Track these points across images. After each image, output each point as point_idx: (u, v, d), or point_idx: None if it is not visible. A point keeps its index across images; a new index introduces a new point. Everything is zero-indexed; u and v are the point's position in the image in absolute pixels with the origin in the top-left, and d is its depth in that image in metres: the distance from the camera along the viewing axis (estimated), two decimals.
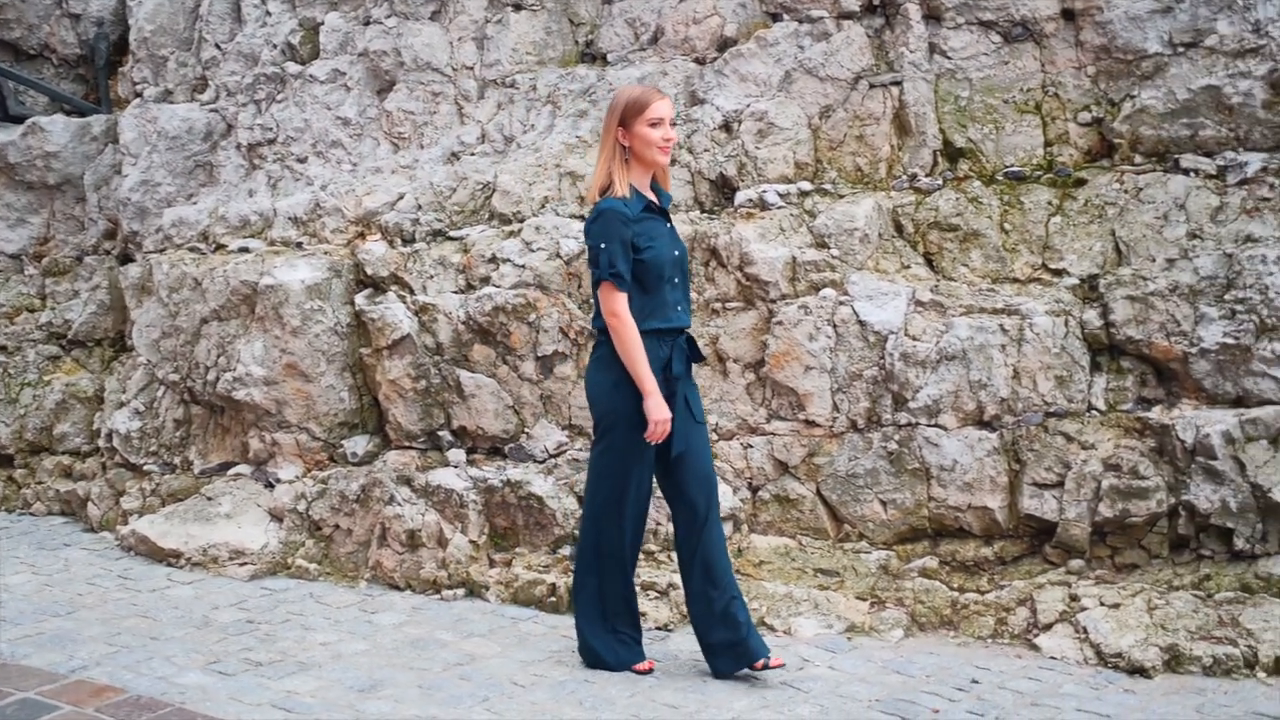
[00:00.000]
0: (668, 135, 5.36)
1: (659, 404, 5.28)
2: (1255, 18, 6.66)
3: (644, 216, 5.34)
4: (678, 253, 5.44)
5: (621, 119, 5.36)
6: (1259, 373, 6.29)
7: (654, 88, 5.53)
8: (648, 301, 5.34)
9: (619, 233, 5.26)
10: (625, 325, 5.27)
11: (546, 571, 6.54)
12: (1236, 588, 6.17)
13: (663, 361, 5.37)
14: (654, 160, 5.38)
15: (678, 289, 5.44)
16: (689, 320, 5.51)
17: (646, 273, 5.31)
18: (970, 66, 7.15)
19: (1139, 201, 6.67)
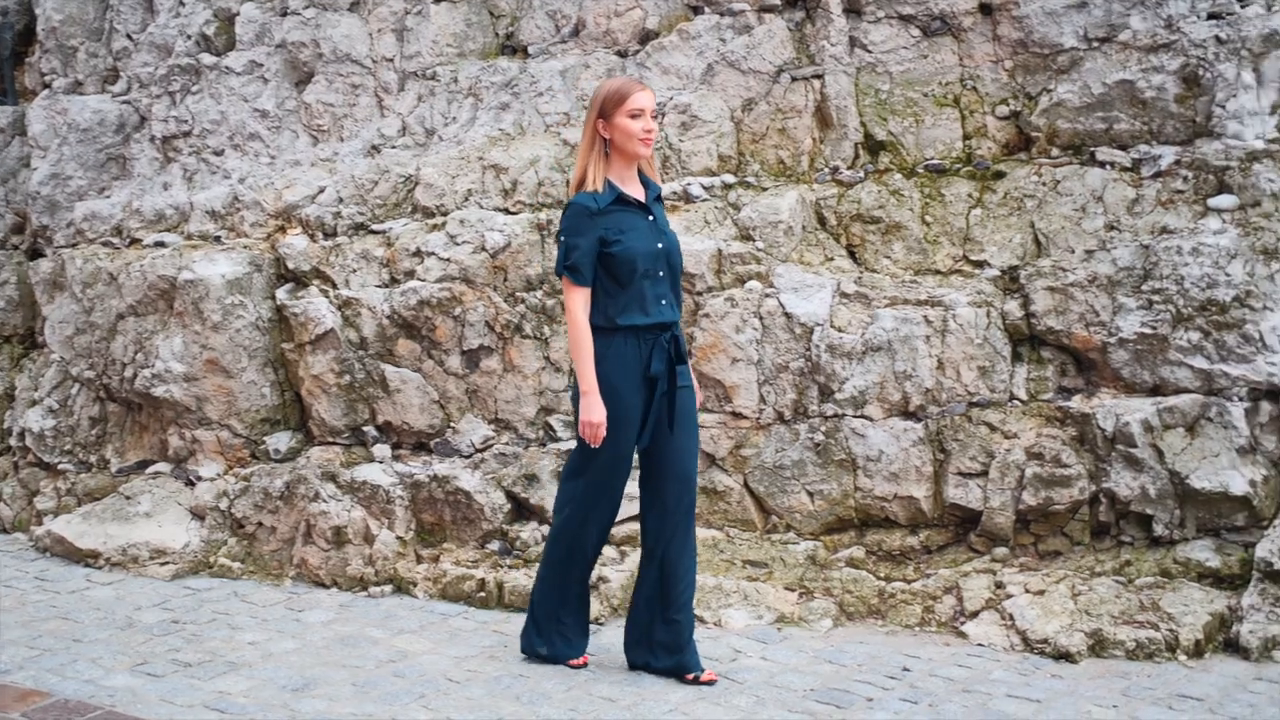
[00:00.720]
0: (648, 127, 5.25)
1: (594, 404, 5.19)
2: (1167, 13, 6.78)
3: (614, 209, 5.24)
4: (660, 245, 5.31)
5: (601, 110, 5.25)
6: (1175, 362, 6.41)
7: (635, 79, 5.45)
8: (624, 295, 5.24)
9: (582, 227, 5.19)
10: (575, 321, 5.21)
11: (475, 567, 6.51)
12: (1156, 573, 6.29)
13: (641, 359, 5.27)
14: (635, 152, 5.27)
15: (661, 283, 5.31)
16: (675, 316, 5.37)
17: (618, 266, 5.21)
18: (890, 60, 7.22)
19: (1057, 194, 6.77)
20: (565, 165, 7.10)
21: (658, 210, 5.39)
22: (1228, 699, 5.43)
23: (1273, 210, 6.42)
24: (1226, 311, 6.34)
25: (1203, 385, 6.38)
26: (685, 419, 5.40)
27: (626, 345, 5.24)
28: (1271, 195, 6.43)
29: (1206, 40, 6.67)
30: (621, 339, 5.24)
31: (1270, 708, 5.36)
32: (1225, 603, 6.07)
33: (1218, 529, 6.33)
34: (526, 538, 6.55)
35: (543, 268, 6.86)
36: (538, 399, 6.86)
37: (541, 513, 6.61)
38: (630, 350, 5.24)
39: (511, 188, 7.07)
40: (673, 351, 5.34)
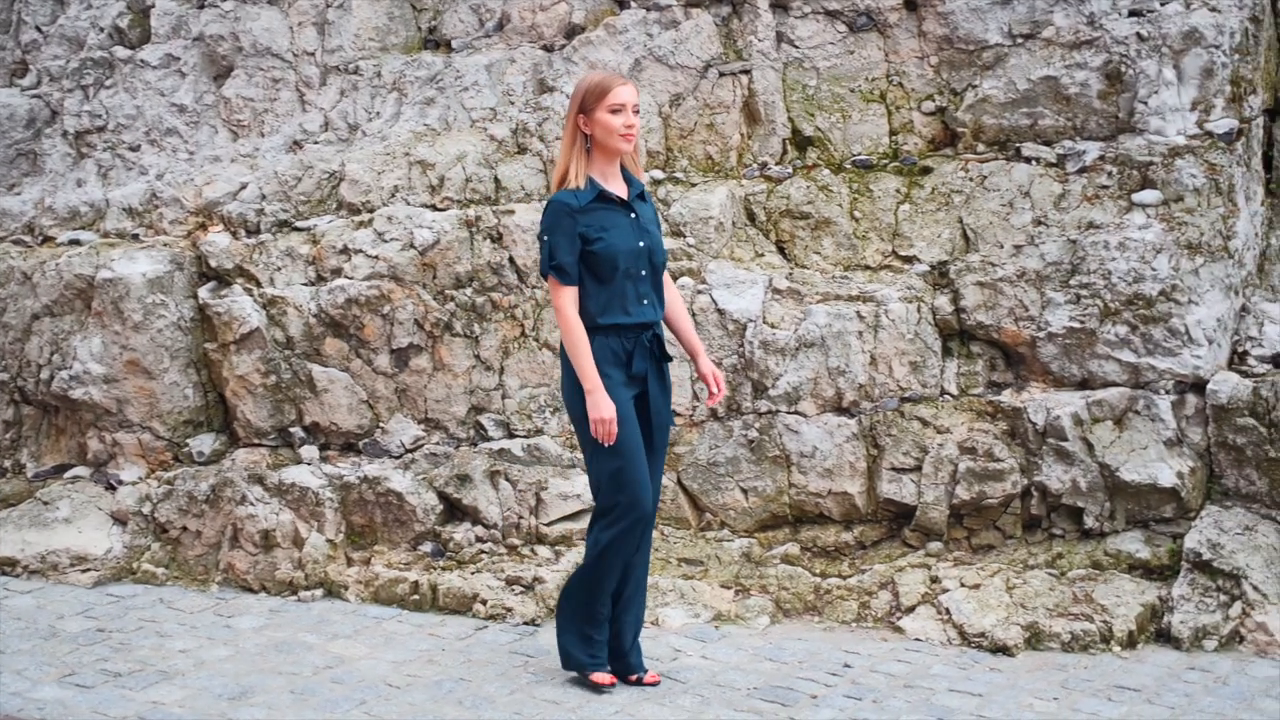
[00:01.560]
0: (629, 122, 5.12)
1: (601, 401, 5.07)
2: (1090, 10, 6.85)
3: (595, 207, 5.13)
4: (642, 243, 5.20)
5: (582, 106, 5.13)
6: (1103, 355, 6.48)
7: (616, 73, 5.34)
8: (604, 294, 5.14)
9: (563, 225, 5.09)
10: (566, 320, 5.12)
11: (408, 569, 6.41)
12: (1088, 565, 6.36)
13: (624, 359, 5.19)
14: (616, 148, 5.15)
15: (644, 281, 5.22)
16: (657, 315, 5.29)
17: (599, 265, 5.11)
18: (817, 55, 7.22)
19: (984, 189, 6.81)
20: (493, 161, 7.02)
21: (641, 207, 5.29)
22: (1164, 689, 5.50)
23: (1195, 205, 6.51)
24: (1153, 306, 6.42)
25: (1130, 379, 6.45)
26: (660, 429, 5.33)
27: (608, 345, 5.15)
28: (1194, 190, 6.52)
29: (1128, 37, 6.75)
30: (603, 338, 5.15)
31: (1205, 697, 5.44)
32: (1156, 593, 6.15)
33: (1146, 521, 6.41)
34: (460, 539, 6.47)
35: (472, 265, 6.77)
36: (468, 398, 6.78)
37: (474, 513, 6.53)
38: (613, 350, 5.16)
39: (439, 184, 6.97)
40: (656, 350, 5.28)
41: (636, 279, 5.18)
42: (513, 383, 6.76)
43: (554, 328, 6.75)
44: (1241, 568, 6.06)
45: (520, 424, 6.74)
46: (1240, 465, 6.34)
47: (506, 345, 6.77)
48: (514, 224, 6.76)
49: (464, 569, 6.37)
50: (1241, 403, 6.31)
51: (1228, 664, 5.77)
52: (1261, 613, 5.97)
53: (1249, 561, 6.08)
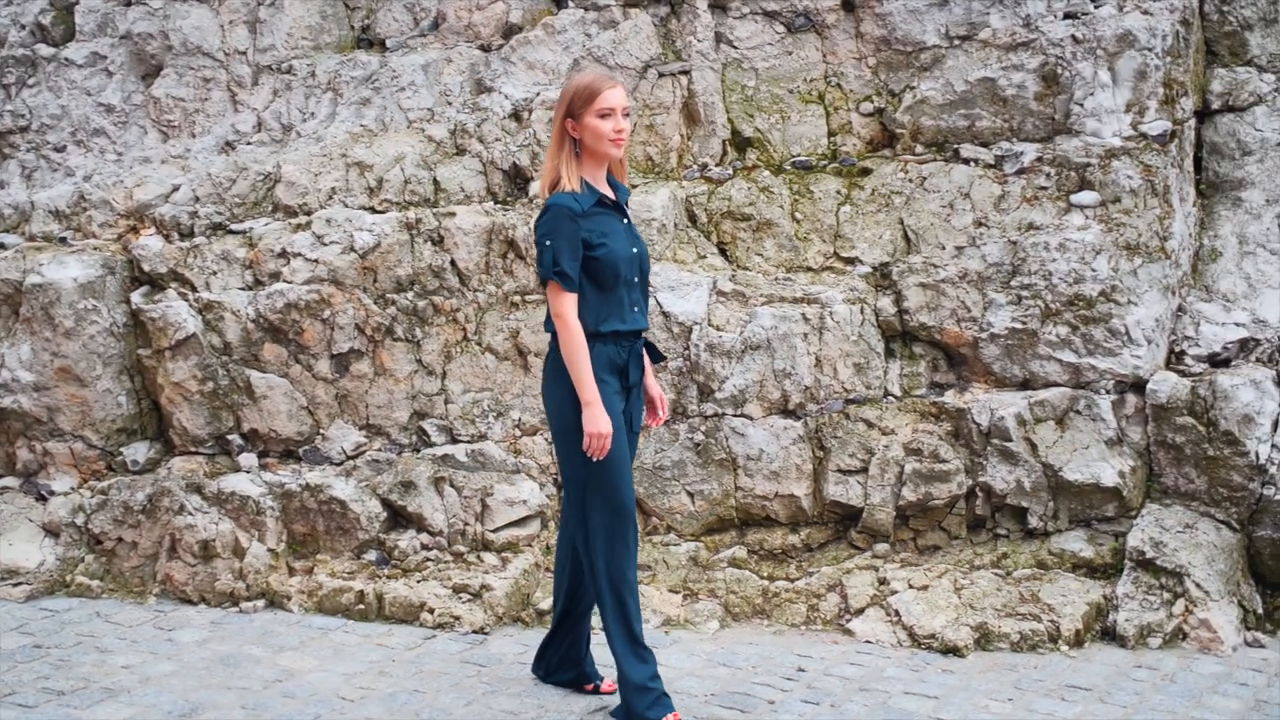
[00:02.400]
0: (619, 127, 4.92)
1: (599, 414, 4.85)
2: (1025, 12, 6.90)
3: (596, 211, 4.93)
4: (635, 250, 5.04)
5: (569, 109, 4.92)
6: (1044, 356, 6.53)
7: (605, 75, 5.09)
8: (604, 302, 4.96)
9: (566, 230, 4.86)
10: (569, 328, 4.87)
11: (352, 578, 6.30)
12: (1033, 564, 6.40)
13: (620, 367, 5.02)
14: (605, 153, 4.95)
15: (635, 289, 5.06)
16: (646, 322, 5.14)
17: (601, 271, 4.92)
18: (756, 56, 7.21)
19: (924, 190, 6.83)
20: (431, 163, 6.91)
21: (629, 213, 5.17)
22: (1114, 688, 5.55)
23: (1132, 206, 6.58)
24: (1093, 306, 6.48)
25: (1071, 379, 6.51)
26: (634, 435, 5.24)
27: (606, 353, 4.96)
28: (1131, 192, 6.59)
29: (1064, 39, 6.80)
30: (601, 346, 4.94)
31: (1155, 695, 5.49)
32: (1101, 592, 6.21)
33: (1089, 519, 6.47)
34: (405, 547, 6.36)
35: (413, 268, 6.67)
36: (410, 403, 6.67)
37: (419, 521, 6.43)
38: (610, 359, 4.98)
39: (377, 185, 6.85)
40: (650, 356, 5.22)
41: (630, 286, 5.03)
42: (455, 387, 6.68)
43: (496, 331, 6.68)
44: (1184, 565, 6.14)
45: (463, 429, 6.65)
46: (1179, 464, 6.42)
47: (449, 349, 6.68)
48: (455, 226, 6.67)
49: (410, 577, 6.28)
50: (1180, 402, 6.39)
51: (1173, 661, 5.84)
52: (1204, 610, 6.05)
53: (1191, 559, 6.16)
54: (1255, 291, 6.69)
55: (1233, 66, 7.13)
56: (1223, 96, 7.08)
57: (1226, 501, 6.34)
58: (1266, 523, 6.29)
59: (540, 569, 6.36)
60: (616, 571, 5.00)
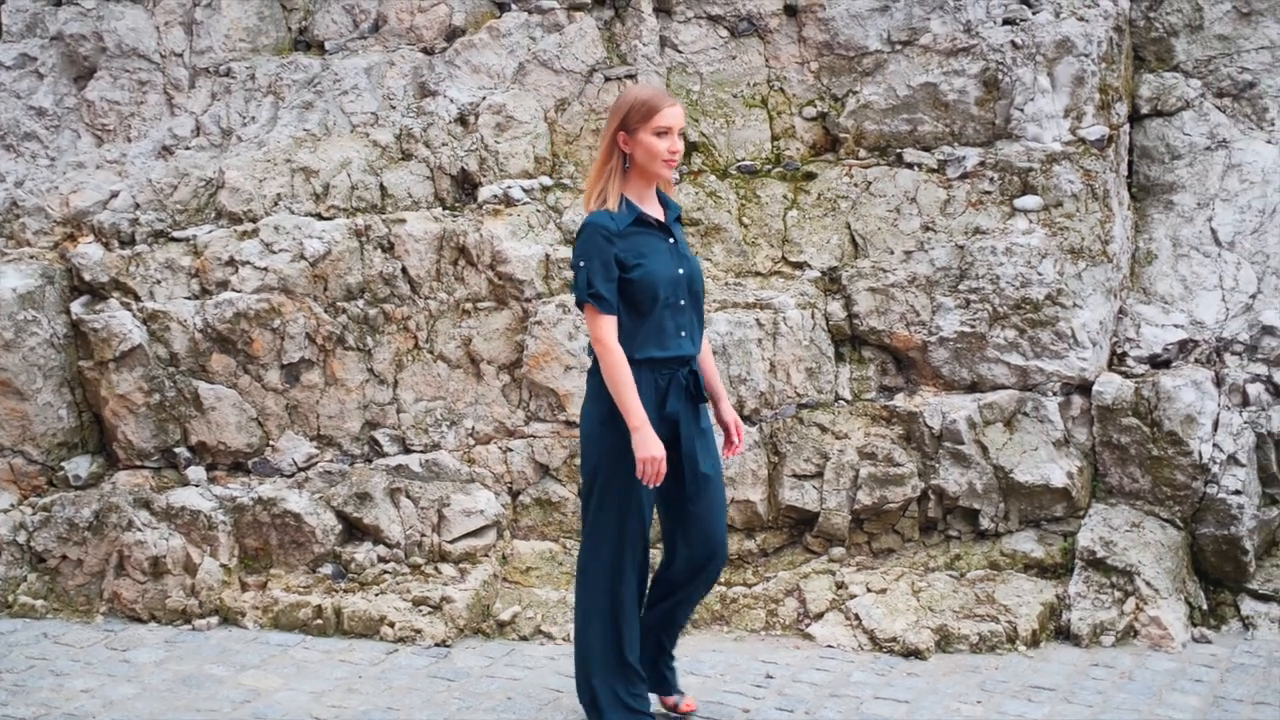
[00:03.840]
0: (674, 148, 4.72)
1: (648, 439, 4.61)
2: (966, 18, 6.98)
3: (633, 231, 4.72)
4: (682, 271, 4.79)
5: (624, 123, 4.71)
6: (992, 359, 6.61)
7: (664, 91, 4.87)
8: (641, 326, 4.72)
9: (600, 250, 4.65)
10: (608, 351, 4.64)
11: (308, 593, 6.19)
12: (985, 565, 6.49)
13: (658, 397, 4.76)
14: (657, 173, 4.76)
15: (684, 312, 4.80)
16: (696, 349, 4.87)
17: (637, 293, 4.69)
18: (700, 60, 7.20)
19: (870, 195, 6.88)
20: (378, 168, 6.81)
21: (678, 231, 4.90)
22: (1076, 687, 5.64)
23: (1074, 211, 6.68)
24: (1039, 310, 6.58)
25: (1018, 381, 6.60)
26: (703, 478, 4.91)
27: (641, 381, 4.69)
28: (1072, 196, 6.70)
29: (1003, 45, 6.89)
30: (636, 373, 4.68)
31: (1117, 694, 5.59)
32: (1053, 592, 6.31)
33: (1038, 520, 6.57)
34: (361, 559, 6.27)
35: (363, 276, 6.57)
36: (362, 413, 6.57)
37: (376, 533, 6.34)
38: (645, 386, 4.72)
39: (324, 191, 6.73)
40: (692, 388, 4.86)
41: (676, 310, 4.78)
42: (407, 396, 6.59)
43: (448, 339, 6.60)
44: (1134, 564, 6.25)
45: (416, 439, 6.57)
46: (1124, 464, 6.54)
47: (400, 358, 6.59)
48: (405, 233, 6.57)
49: (367, 591, 6.18)
50: (1125, 403, 6.51)
51: (1128, 659, 5.95)
52: (1154, 607, 6.17)
53: (1140, 558, 6.28)
54: (1191, 293, 6.83)
55: (1160, 72, 7.27)
56: (1151, 101, 7.21)
57: (1170, 500, 6.47)
58: (1209, 520, 6.42)
59: (498, 579, 6.31)
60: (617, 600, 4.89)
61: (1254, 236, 6.86)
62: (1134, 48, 7.31)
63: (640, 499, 4.80)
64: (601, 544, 4.86)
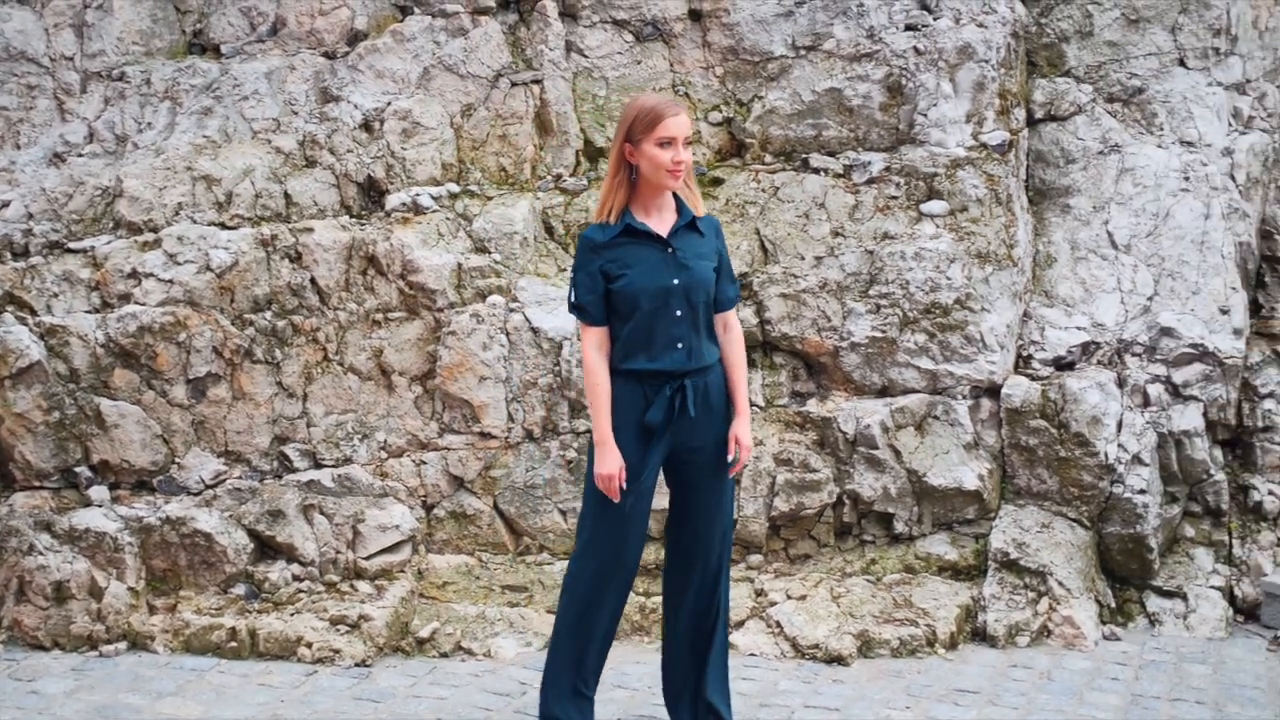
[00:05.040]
0: (678, 158, 4.63)
1: (608, 454, 4.62)
2: (869, 24, 7.01)
3: (622, 241, 4.67)
4: (676, 281, 4.66)
5: (629, 134, 4.63)
6: (903, 363, 6.66)
7: (670, 100, 4.75)
8: (629, 337, 4.67)
9: (585, 261, 4.68)
10: (586, 361, 4.70)
11: (220, 614, 6.00)
12: (901, 569, 6.53)
13: (639, 409, 4.70)
14: (662, 184, 4.66)
15: (680, 324, 4.68)
16: (694, 363, 4.72)
17: (621, 304, 4.66)
18: (606, 65, 7.14)
19: (778, 200, 6.88)
20: (281, 175, 6.63)
21: (686, 241, 4.75)
22: (999, 689, 5.71)
23: (979, 215, 6.76)
24: (949, 314, 6.64)
25: (928, 385, 6.66)
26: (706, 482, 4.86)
27: (626, 392, 4.69)
28: (977, 201, 6.77)
29: (906, 51, 6.94)
30: (622, 384, 4.69)
31: (1039, 695, 5.67)
32: (969, 594, 6.38)
33: (951, 523, 6.63)
34: (275, 579, 6.11)
35: (270, 287, 6.39)
36: (271, 428, 6.40)
37: (289, 551, 6.18)
38: (631, 398, 4.69)
39: (226, 200, 6.53)
40: (679, 401, 4.71)
41: (669, 321, 4.67)
42: (317, 410, 6.43)
43: (358, 351, 6.46)
44: (1046, 565, 6.35)
45: (327, 453, 6.41)
46: (1032, 465, 6.63)
47: (309, 371, 6.43)
48: (314, 242, 6.41)
49: (282, 611, 6.02)
50: (1033, 405, 6.60)
51: (1044, 659, 6.04)
52: (1067, 607, 6.27)
53: (1052, 558, 6.38)
54: (1091, 296, 6.95)
55: (1052, 77, 7.38)
56: (1045, 106, 7.32)
57: (1078, 500, 6.58)
58: (1115, 520, 6.55)
59: (415, 596, 6.20)
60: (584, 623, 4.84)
61: (1149, 239, 7.00)
62: (1026, 53, 7.40)
63: (624, 520, 4.73)
64: (583, 562, 4.82)
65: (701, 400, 4.77)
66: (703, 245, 4.79)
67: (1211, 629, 6.37)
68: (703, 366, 4.77)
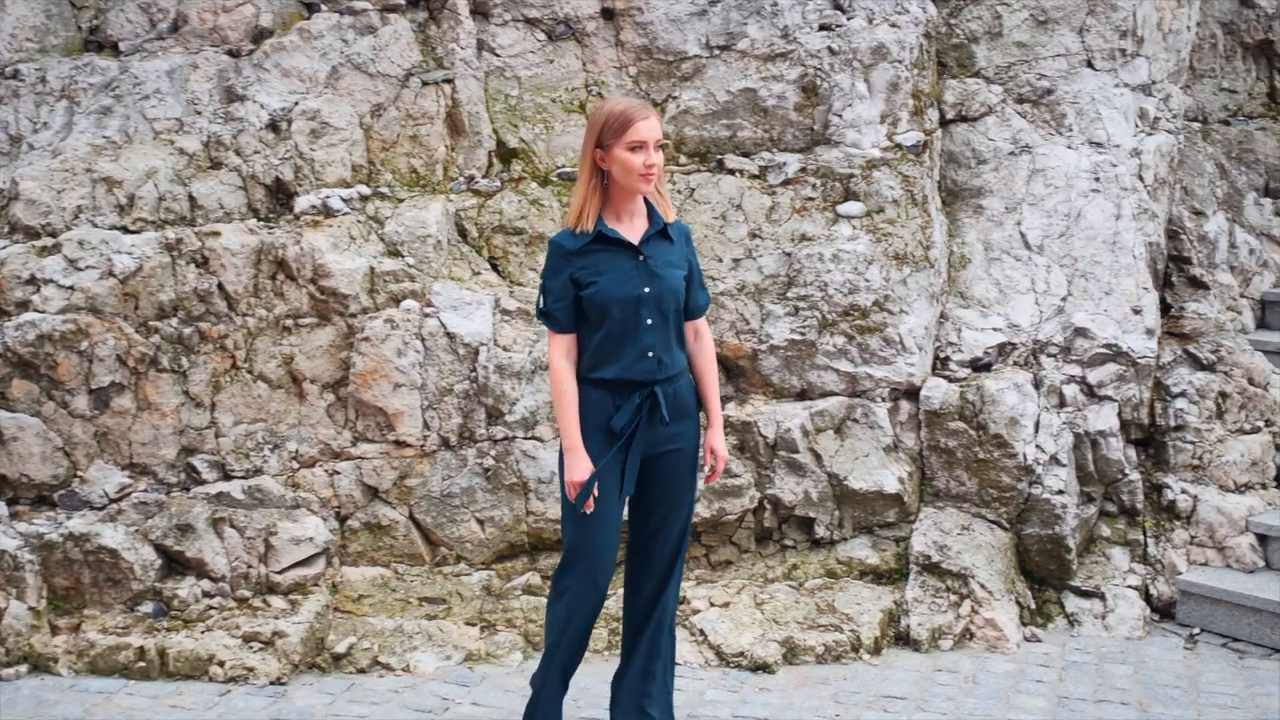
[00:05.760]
0: (650, 162, 4.55)
1: (577, 461, 4.58)
2: (783, 23, 6.95)
3: (593, 249, 4.59)
4: (647, 289, 4.59)
5: (599, 139, 4.56)
6: (822, 366, 6.61)
7: (639, 103, 4.63)
8: (598, 345, 4.61)
9: (555, 268, 4.60)
10: (552, 370, 4.64)
11: (127, 633, 5.78)
12: (823, 574, 6.48)
13: (607, 417, 4.62)
14: (634, 188, 4.58)
15: (651, 332, 4.61)
16: (662, 372, 4.65)
17: (590, 312, 4.59)
18: (518, 64, 7.00)
19: (695, 202, 6.80)
20: (185, 178, 6.40)
21: (657, 248, 4.68)
22: (926, 694, 5.68)
23: (896, 217, 6.73)
24: (868, 316, 6.60)
25: (847, 388, 6.62)
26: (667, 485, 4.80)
27: (593, 400, 4.62)
28: (893, 202, 6.74)
29: (821, 51, 6.89)
30: (591, 391, 4.63)
31: (967, 699, 5.65)
32: (891, 598, 6.34)
33: (871, 526, 6.59)
34: (184, 595, 5.90)
35: (176, 293, 6.17)
36: (178, 438, 6.18)
37: (199, 566, 5.97)
38: (599, 406, 4.62)
39: (129, 203, 6.30)
40: (647, 409, 4.64)
41: (641, 329, 4.61)
42: (226, 420, 6.22)
43: (268, 358, 6.27)
44: (967, 567, 6.33)
45: (237, 464, 6.21)
46: (951, 467, 6.62)
47: (217, 379, 6.22)
48: (220, 246, 6.20)
49: (193, 628, 5.82)
50: (951, 407, 6.59)
51: (968, 662, 6.02)
52: (989, 609, 6.26)
53: (973, 561, 6.36)
54: (1006, 297, 6.95)
55: (962, 78, 7.37)
56: (956, 106, 7.31)
57: (996, 502, 6.58)
58: (1034, 521, 6.55)
59: (330, 610, 6.02)
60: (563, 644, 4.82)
61: (1061, 240, 7.02)
62: (937, 54, 7.39)
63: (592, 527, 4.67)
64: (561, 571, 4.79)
65: (671, 406, 4.72)
66: (673, 253, 4.73)
67: (1129, 628, 6.40)
68: (672, 375, 4.71)
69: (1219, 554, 6.65)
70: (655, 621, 4.93)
